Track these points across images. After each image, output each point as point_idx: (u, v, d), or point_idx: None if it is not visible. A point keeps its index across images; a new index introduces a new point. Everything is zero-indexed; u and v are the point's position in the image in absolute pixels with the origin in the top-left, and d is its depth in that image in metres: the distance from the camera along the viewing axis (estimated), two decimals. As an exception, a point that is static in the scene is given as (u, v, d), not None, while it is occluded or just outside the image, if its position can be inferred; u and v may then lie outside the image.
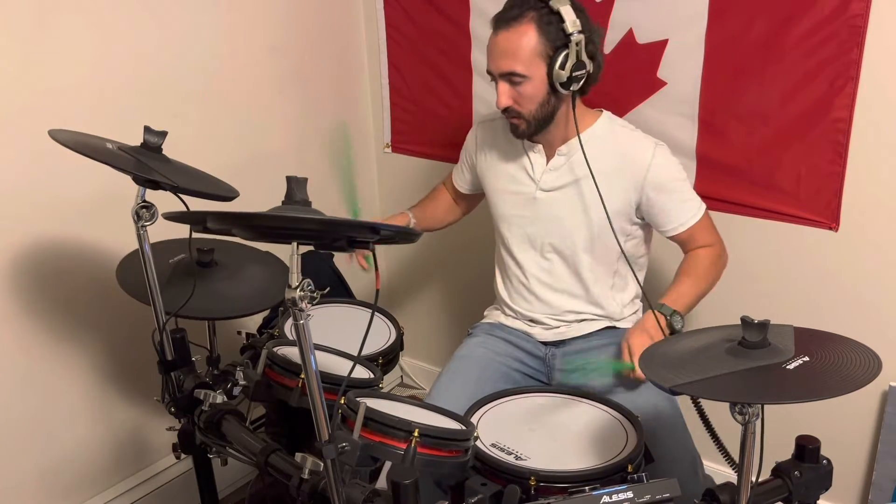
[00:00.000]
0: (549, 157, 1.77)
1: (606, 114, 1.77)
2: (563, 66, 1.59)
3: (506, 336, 1.87)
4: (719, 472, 1.84)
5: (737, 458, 1.20)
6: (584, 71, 1.61)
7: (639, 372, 1.54)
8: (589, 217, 1.74)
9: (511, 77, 1.61)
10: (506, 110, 1.66)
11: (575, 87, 1.62)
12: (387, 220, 1.91)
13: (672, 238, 1.76)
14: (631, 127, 1.76)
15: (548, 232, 1.78)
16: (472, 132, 1.94)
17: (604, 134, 1.72)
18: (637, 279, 1.80)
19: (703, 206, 1.75)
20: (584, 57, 1.60)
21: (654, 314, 1.64)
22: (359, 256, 1.87)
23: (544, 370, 1.85)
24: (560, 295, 1.82)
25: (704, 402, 1.26)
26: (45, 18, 1.77)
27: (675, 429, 1.64)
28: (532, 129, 1.68)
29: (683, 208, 1.72)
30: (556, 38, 1.58)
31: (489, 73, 1.66)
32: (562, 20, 1.57)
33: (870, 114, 1.76)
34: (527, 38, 1.58)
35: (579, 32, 1.58)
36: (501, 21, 1.61)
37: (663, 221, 1.73)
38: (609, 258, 1.78)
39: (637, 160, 1.69)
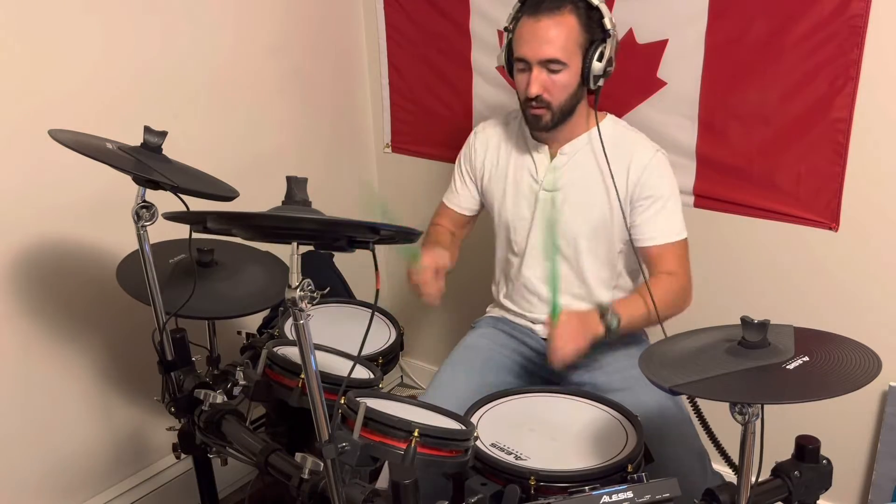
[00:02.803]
0: (552, 156, 1.77)
1: (611, 116, 1.77)
2: (600, 59, 1.61)
3: (509, 330, 1.88)
4: (720, 472, 1.84)
5: (734, 458, 1.20)
6: (612, 67, 1.64)
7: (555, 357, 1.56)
8: (591, 216, 1.74)
9: (550, 64, 1.61)
10: (534, 99, 1.64)
11: (601, 82, 1.64)
12: (435, 255, 1.76)
13: (642, 250, 1.70)
14: (635, 130, 1.77)
15: (550, 232, 1.78)
16: (468, 145, 1.90)
17: (610, 134, 1.72)
18: (642, 271, 1.77)
19: (685, 233, 1.71)
20: (614, 54, 1.64)
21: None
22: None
23: (547, 366, 1.84)
24: (563, 296, 1.81)
25: (704, 402, 1.26)
26: (46, 19, 1.77)
27: (681, 426, 1.64)
28: (555, 121, 1.68)
29: (663, 222, 1.69)
30: (595, 32, 1.61)
31: (520, 59, 1.64)
32: (602, 15, 1.60)
33: (870, 114, 1.76)
34: (569, 27, 1.59)
35: (614, 30, 1.62)
36: (542, 8, 1.60)
37: (639, 230, 1.70)
38: (611, 257, 1.78)
39: (636, 161, 1.69)
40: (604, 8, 1.61)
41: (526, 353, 1.85)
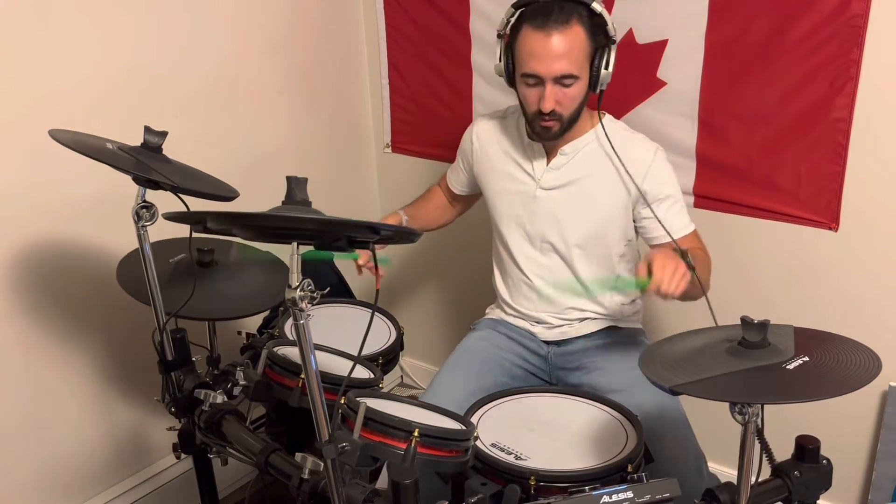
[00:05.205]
0: (549, 156, 1.77)
1: (608, 116, 1.77)
2: (607, 67, 1.61)
3: (508, 332, 1.88)
4: (720, 472, 1.84)
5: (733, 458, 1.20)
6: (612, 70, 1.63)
7: (664, 287, 1.44)
8: (588, 217, 1.74)
9: (564, 79, 1.59)
10: (548, 113, 1.62)
11: (605, 86, 1.64)
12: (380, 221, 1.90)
13: (659, 247, 1.69)
14: (631, 130, 1.76)
15: (546, 230, 1.78)
16: (469, 132, 1.92)
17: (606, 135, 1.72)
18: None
19: (693, 226, 1.73)
20: (615, 57, 1.62)
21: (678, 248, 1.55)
22: (368, 265, 1.77)
23: (546, 368, 1.86)
24: (561, 293, 1.82)
25: (704, 402, 1.26)
26: (46, 19, 1.77)
27: (679, 427, 1.64)
28: (563, 130, 1.67)
29: (674, 218, 1.70)
30: (599, 39, 1.60)
31: (530, 75, 1.60)
32: (605, 22, 1.58)
33: (870, 114, 1.76)
34: (579, 39, 1.58)
35: (615, 33, 1.60)
36: (551, 21, 1.56)
37: (652, 228, 1.71)
38: (608, 258, 1.78)
39: (637, 161, 1.69)
40: (605, 13, 1.59)
41: (525, 356, 1.85)
